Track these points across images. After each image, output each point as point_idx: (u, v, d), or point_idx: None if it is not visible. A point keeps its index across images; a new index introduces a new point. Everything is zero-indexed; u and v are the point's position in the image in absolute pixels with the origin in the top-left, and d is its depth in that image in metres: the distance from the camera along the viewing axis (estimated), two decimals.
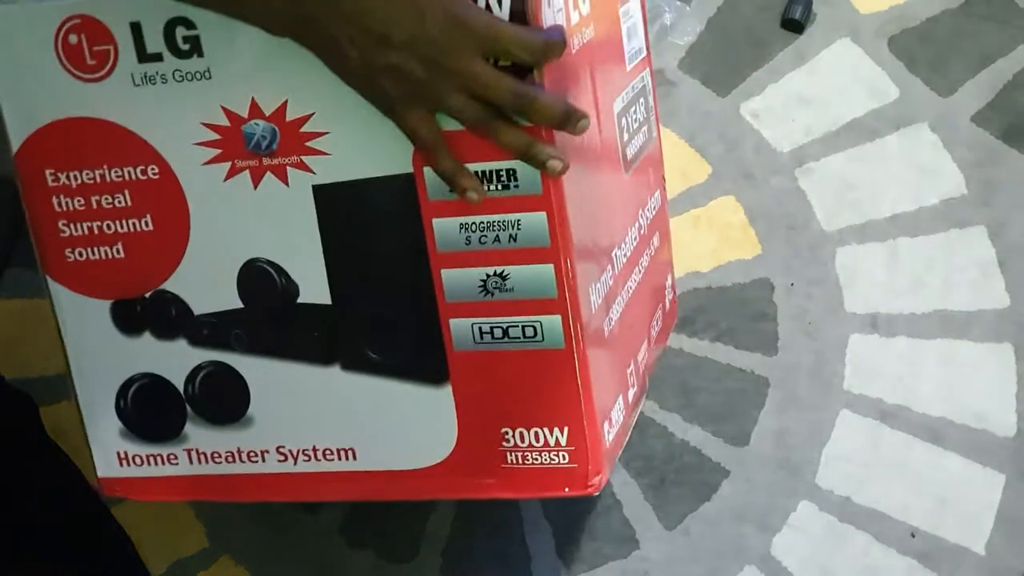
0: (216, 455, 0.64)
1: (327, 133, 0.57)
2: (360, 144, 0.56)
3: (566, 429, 0.58)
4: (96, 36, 0.58)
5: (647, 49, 0.73)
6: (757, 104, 0.94)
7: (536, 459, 0.59)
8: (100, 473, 0.67)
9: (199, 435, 0.64)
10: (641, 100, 0.71)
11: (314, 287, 0.59)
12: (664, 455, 0.91)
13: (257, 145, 0.58)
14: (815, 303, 0.92)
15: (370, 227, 0.58)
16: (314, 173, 0.57)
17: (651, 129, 0.74)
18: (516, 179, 0.54)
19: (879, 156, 0.92)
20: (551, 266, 0.55)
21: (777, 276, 0.92)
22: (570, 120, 0.52)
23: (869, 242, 0.92)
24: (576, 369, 0.57)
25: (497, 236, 0.56)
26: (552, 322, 0.56)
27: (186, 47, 0.57)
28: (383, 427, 0.61)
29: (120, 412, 0.65)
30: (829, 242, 0.92)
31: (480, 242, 0.56)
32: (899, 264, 0.92)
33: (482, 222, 0.56)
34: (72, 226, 0.63)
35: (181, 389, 0.63)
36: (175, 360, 0.63)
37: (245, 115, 0.57)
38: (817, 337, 0.92)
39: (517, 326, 0.57)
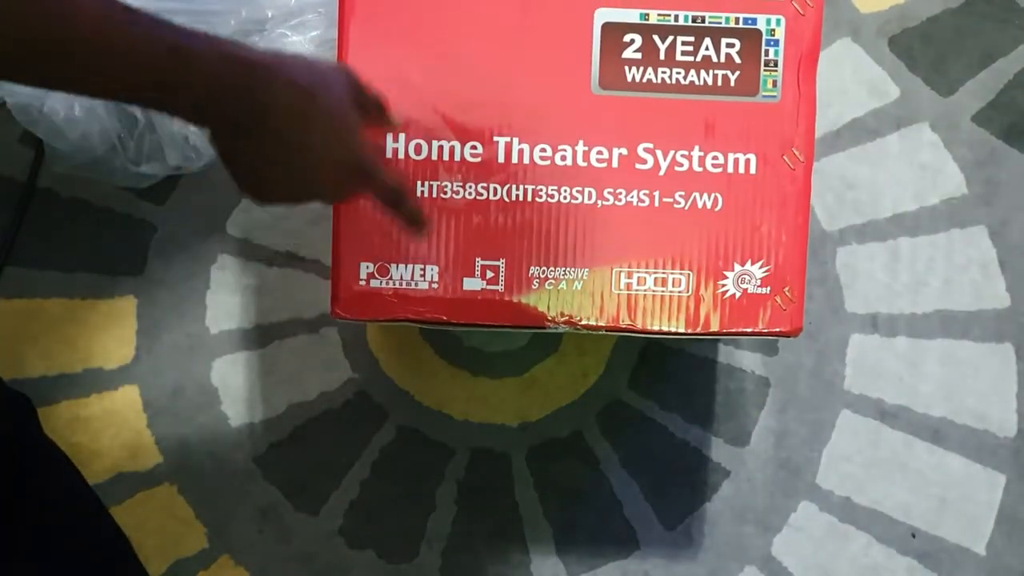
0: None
1: None
2: None
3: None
4: None
5: None
6: None
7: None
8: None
9: None
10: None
11: None
12: (664, 455, 0.91)
13: None
14: (816, 303, 0.91)
15: None
16: None
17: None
18: None
19: (880, 156, 0.92)
20: None
21: None
22: (400, 203, 0.60)
23: (870, 242, 0.92)
24: None
25: None
26: None
27: None
28: None
29: None
30: (830, 242, 0.92)
31: None
32: (900, 264, 0.92)
33: None
34: None
35: None
36: None
37: None
38: (818, 337, 0.91)
39: None
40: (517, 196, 0.68)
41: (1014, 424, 0.92)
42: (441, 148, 0.68)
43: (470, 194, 0.68)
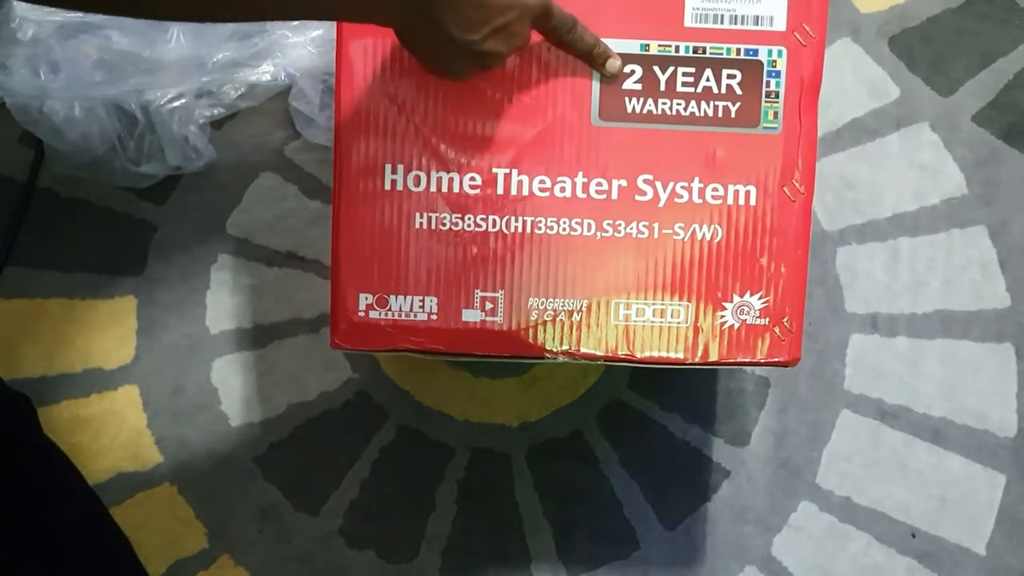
0: None
1: None
2: None
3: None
4: None
5: None
6: None
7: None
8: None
9: None
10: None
11: None
12: (664, 455, 0.91)
13: None
14: (816, 303, 0.91)
15: None
16: None
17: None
18: None
19: (880, 156, 0.92)
20: None
21: None
22: (593, 54, 0.66)
23: (870, 242, 0.92)
24: None
25: None
26: None
27: None
28: None
29: None
30: (830, 242, 0.92)
31: None
32: (900, 264, 0.92)
33: None
34: None
35: None
36: None
37: None
38: (818, 337, 0.91)
39: None
40: (516, 228, 0.68)
41: (1014, 424, 0.92)
42: (440, 179, 0.68)
43: (469, 226, 0.68)
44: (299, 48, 0.85)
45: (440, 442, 0.91)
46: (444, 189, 0.68)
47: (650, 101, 0.68)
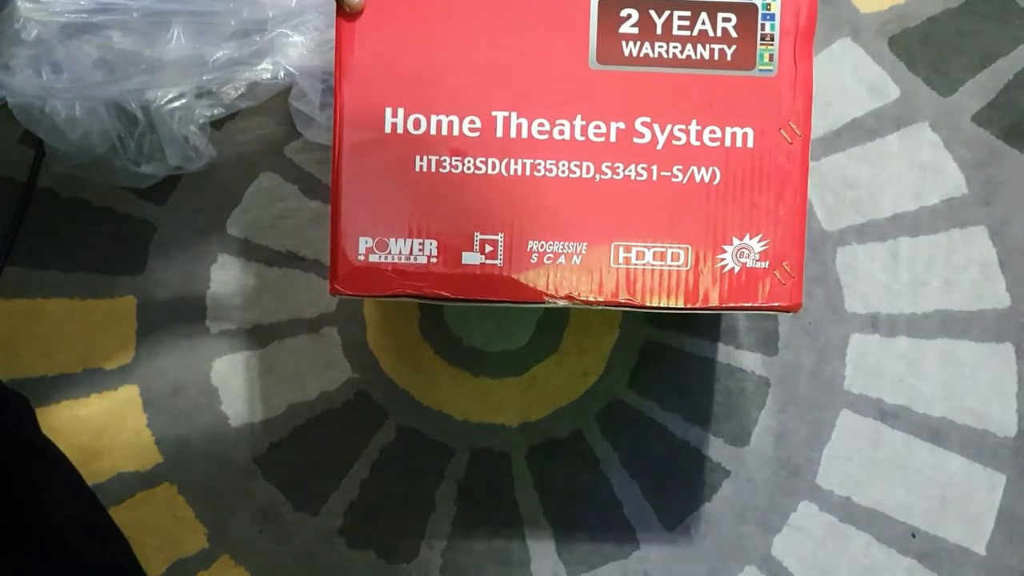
0: None
1: None
2: None
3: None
4: None
5: None
6: None
7: None
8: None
9: None
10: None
11: None
12: (664, 455, 0.91)
13: None
14: (816, 303, 0.91)
15: None
16: None
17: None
18: None
19: (880, 156, 0.92)
20: None
21: None
22: None
23: (869, 242, 0.92)
24: None
25: None
26: None
27: None
28: None
29: None
30: (829, 242, 0.92)
31: None
32: (900, 264, 0.92)
33: None
34: None
35: None
36: None
37: None
38: (818, 337, 0.91)
39: None
40: (515, 171, 0.69)
41: (1014, 424, 0.92)
42: (440, 122, 0.69)
43: (468, 168, 0.68)
44: (299, 47, 0.85)
45: (440, 442, 0.91)
46: (444, 132, 0.68)
47: (647, 44, 0.69)
